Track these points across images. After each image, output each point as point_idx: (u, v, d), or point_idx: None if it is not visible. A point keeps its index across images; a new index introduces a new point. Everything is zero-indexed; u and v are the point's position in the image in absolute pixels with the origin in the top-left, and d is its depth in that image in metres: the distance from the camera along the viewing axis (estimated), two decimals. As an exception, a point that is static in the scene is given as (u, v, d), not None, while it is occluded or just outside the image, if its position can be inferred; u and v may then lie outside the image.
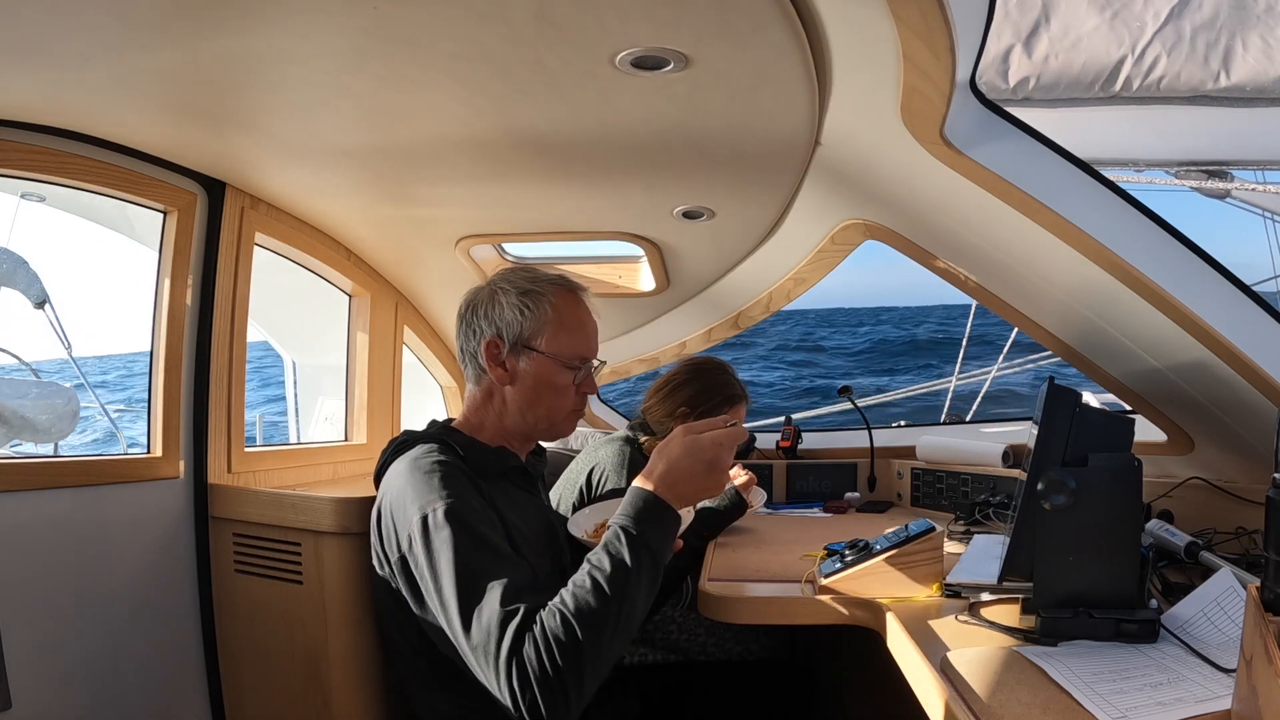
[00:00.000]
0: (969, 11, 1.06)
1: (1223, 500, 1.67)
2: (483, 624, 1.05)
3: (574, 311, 1.37)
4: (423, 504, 1.16)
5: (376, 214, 2.01)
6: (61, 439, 2.66)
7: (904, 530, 1.44)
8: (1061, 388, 1.21)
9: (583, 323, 1.38)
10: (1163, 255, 1.33)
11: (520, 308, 1.34)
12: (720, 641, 2.02)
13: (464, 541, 1.12)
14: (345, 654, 1.51)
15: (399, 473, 1.24)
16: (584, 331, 1.38)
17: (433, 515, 1.15)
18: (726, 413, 2.07)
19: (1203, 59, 3.28)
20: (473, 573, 1.10)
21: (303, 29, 1.14)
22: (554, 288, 1.36)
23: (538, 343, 1.33)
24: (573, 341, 1.35)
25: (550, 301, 1.34)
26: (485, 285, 1.40)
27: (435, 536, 1.13)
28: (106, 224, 2.31)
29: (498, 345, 1.34)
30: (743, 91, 1.29)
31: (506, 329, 1.33)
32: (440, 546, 1.12)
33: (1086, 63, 3.34)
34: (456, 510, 1.15)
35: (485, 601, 1.06)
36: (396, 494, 1.22)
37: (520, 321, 1.33)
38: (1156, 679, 0.95)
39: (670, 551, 1.15)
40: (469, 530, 1.14)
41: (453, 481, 1.19)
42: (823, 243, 2.05)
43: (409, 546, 1.17)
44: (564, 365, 1.34)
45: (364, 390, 2.32)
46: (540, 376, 1.34)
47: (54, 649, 1.47)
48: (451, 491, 1.17)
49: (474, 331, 1.37)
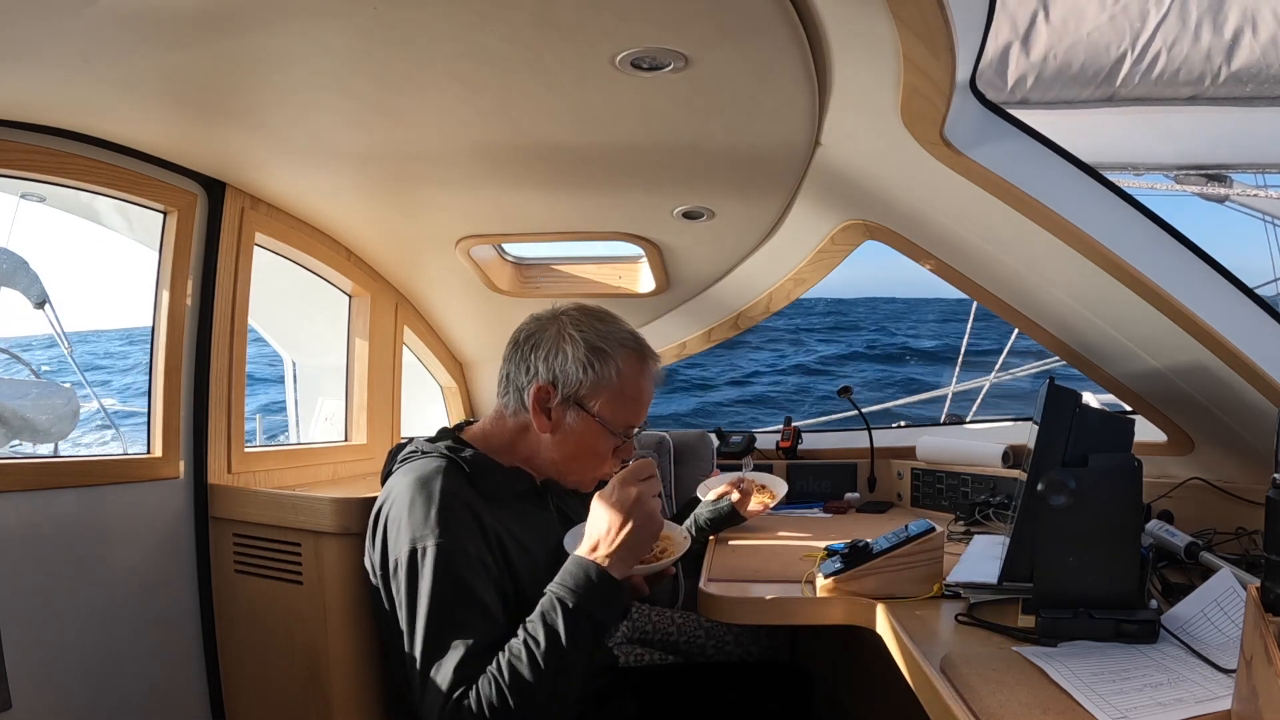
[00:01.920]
0: (969, 12, 1.06)
1: (1223, 500, 1.67)
2: (437, 678, 1.11)
3: (636, 380, 1.31)
4: (415, 536, 1.16)
5: (376, 214, 2.01)
6: (61, 439, 2.66)
7: (904, 530, 1.44)
8: (1061, 388, 1.21)
9: (641, 392, 1.32)
10: (1163, 256, 1.33)
11: (585, 364, 1.27)
12: (719, 643, 2.02)
13: (441, 593, 1.14)
14: (345, 654, 1.51)
15: (402, 487, 1.22)
16: (640, 402, 1.32)
17: (421, 553, 1.15)
18: None
19: (1202, 55, 3.28)
20: (443, 624, 1.13)
21: (303, 29, 1.14)
22: (624, 350, 1.30)
23: (593, 405, 1.27)
24: (627, 412, 1.30)
25: (617, 366, 1.28)
26: (553, 320, 1.32)
27: (420, 575, 1.14)
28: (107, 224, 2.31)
29: (549, 393, 1.28)
30: (743, 92, 1.29)
31: (564, 380, 1.27)
32: (421, 587, 1.14)
33: (1086, 60, 3.34)
34: (446, 552, 1.15)
35: (446, 660, 1.11)
36: (395, 511, 1.21)
37: (581, 379, 1.27)
38: (1156, 679, 0.96)
39: (616, 611, 1.18)
40: (452, 578, 1.15)
41: (451, 516, 1.18)
42: (823, 243, 2.05)
43: (394, 571, 1.18)
44: (611, 433, 1.29)
45: (364, 390, 2.31)
46: (585, 437, 1.29)
47: (54, 649, 1.47)
48: (446, 529, 1.16)
49: (528, 368, 1.30)
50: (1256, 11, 3.29)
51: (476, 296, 2.37)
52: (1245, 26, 3.28)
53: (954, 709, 0.93)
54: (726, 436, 2.91)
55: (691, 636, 2.01)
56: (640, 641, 2.02)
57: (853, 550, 1.43)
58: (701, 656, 2.00)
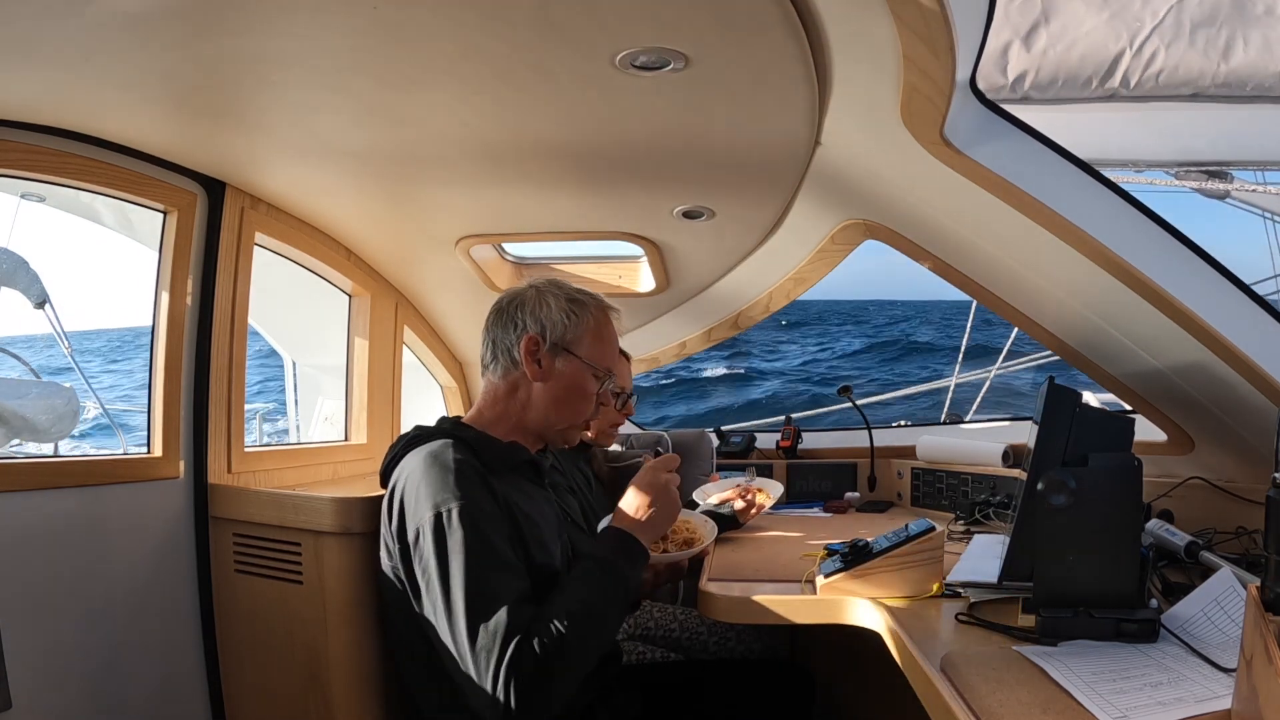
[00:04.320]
0: (969, 11, 1.06)
1: (1223, 500, 1.67)
2: (490, 633, 1.13)
3: (608, 326, 1.47)
4: (437, 501, 1.20)
5: (376, 214, 2.01)
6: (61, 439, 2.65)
7: (904, 530, 1.44)
8: (1061, 388, 1.21)
9: (614, 339, 1.49)
10: (1163, 255, 1.33)
11: (568, 312, 1.41)
12: (722, 640, 2.02)
13: (476, 548, 1.17)
14: (345, 654, 1.51)
15: (414, 464, 1.27)
16: (613, 348, 1.49)
17: (447, 515, 1.18)
18: None
19: (1202, 53, 3.28)
20: (482, 582, 1.16)
21: (303, 29, 1.14)
22: (595, 303, 1.46)
23: (578, 348, 1.40)
24: (605, 353, 1.45)
25: (593, 313, 1.43)
26: (529, 287, 1.46)
27: (449, 538, 1.17)
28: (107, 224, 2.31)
29: (538, 342, 1.39)
30: (743, 92, 1.29)
31: (551, 328, 1.39)
32: (453, 549, 1.17)
33: (1086, 57, 3.34)
34: (471, 512, 1.19)
35: (494, 614, 1.14)
36: (411, 485, 1.25)
37: (565, 325, 1.40)
38: (1156, 679, 0.96)
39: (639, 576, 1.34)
40: (481, 536, 1.18)
41: (468, 481, 1.23)
42: (823, 242, 2.05)
43: (415, 540, 1.20)
44: (595, 374, 1.42)
45: (364, 390, 2.32)
46: (573, 380, 1.40)
47: (54, 649, 1.47)
48: (466, 492, 1.21)
49: (514, 324, 1.41)
50: (1257, 10, 3.29)
51: (477, 296, 2.37)
52: (1245, 25, 3.28)
53: (954, 708, 0.93)
54: (726, 436, 2.91)
55: (694, 633, 2.01)
56: (643, 638, 2.02)
57: (853, 550, 1.43)
58: (704, 653, 2.00)
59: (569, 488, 1.89)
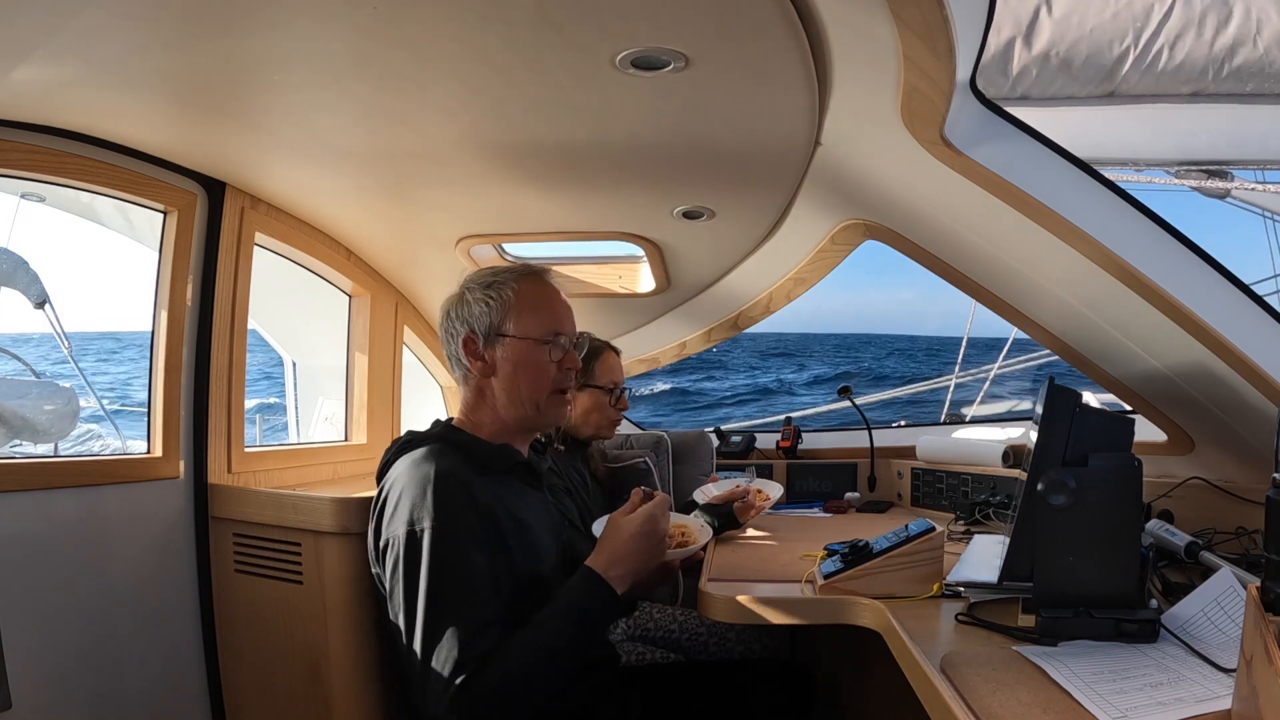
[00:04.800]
0: (969, 12, 1.06)
1: (1223, 500, 1.67)
2: (443, 659, 1.14)
3: (537, 291, 1.42)
4: (413, 518, 1.21)
5: (376, 214, 2.01)
6: (61, 439, 2.65)
7: (904, 530, 1.44)
8: (1061, 388, 1.21)
9: (549, 300, 1.42)
10: (1163, 255, 1.33)
11: (485, 299, 1.39)
12: (721, 641, 2.02)
13: (442, 573, 1.18)
14: (345, 654, 1.51)
15: (401, 470, 1.28)
16: (550, 308, 1.42)
17: (420, 534, 1.19)
18: (595, 365, 2.11)
19: (1204, 52, 3.28)
20: (445, 608, 1.17)
21: (303, 30, 1.14)
22: (514, 275, 1.42)
23: (507, 328, 1.38)
24: (540, 318, 1.40)
25: (512, 288, 1.40)
26: (456, 290, 1.46)
27: (419, 559, 1.18)
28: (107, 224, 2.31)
29: (473, 340, 1.39)
30: (743, 92, 1.29)
31: (477, 323, 1.39)
32: (421, 571, 1.18)
33: (1088, 55, 3.34)
34: (444, 533, 1.19)
35: (451, 643, 1.15)
36: (394, 493, 1.26)
37: (487, 313, 1.38)
38: (1156, 679, 0.95)
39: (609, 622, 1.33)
40: (451, 560, 1.19)
41: (447, 494, 1.23)
42: (823, 243, 2.05)
43: (386, 549, 1.23)
44: (537, 342, 1.39)
45: (364, 390, 2.32)
46: (517, 360, 1.38)
47: (54, 649, 1.47)
48: (442, 510, 1.21)
49: (452, 335, 1.42)
50: (1259, 8, 3.28)
51: (476, 296, 2.37)
52: (1247, 23, 3.28)
53: (954, 708, 0.93)
54: (726, 436, 2.91)
55: (694, 634, 2.01)
56: (642, 639, 2.02)
57: (853, 550, 1.43)
58: (704, 654, 2.00)
59: (565, 489, 1.89)
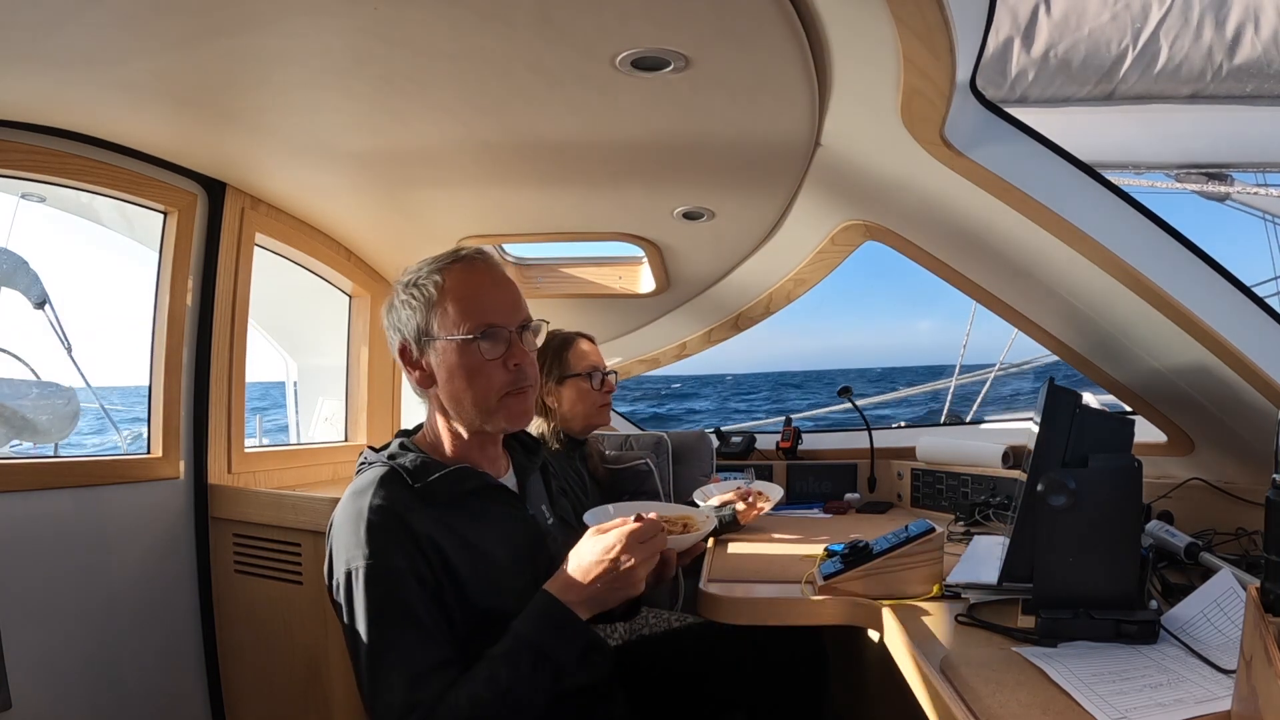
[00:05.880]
0: (969, 12, 1.06)
1: (1223, 501, 1.67)
2: (386, 704, 1.07)
3: (463, 281, 1.21)
4: (348, 557, 1.13)
5: (376, 214, 2.01)
6: (61, 439, 2.66)
7: (904, 531, 1.44)
8: (1062, 388, 1.21)
9: (476, 289, 1.22)
10: (1163, 257, 1.33)
11: (408, 303, 1.22)
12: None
13: (378, 611, 1.10)
14: (345, 654, 1.50)
15: (340, 505, 1.18)
16: (478, 299, 1.21)
17: (355, 574, 1.11)
18: (568, 355, 2.01)
19: (1203, 53, 3.28)
20: (386, 649, 1.09)
21: (303, 30, 1.14)
22: (435, 269, 1.22)
23: (434, 330, 1.20)
24: (466, 312, 1.20)
25: (435, 282, 1.21)
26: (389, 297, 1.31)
27: (355, 597, 1.11)
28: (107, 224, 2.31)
29: (407, 350, 1.24)
30: (743, 92, 1.29)
31: (405, 328, 1.23)
32: (357, 610, 1.11)
33: (1086, 56, 3.34)
34: (377, 574, 1.10)
35: (392, 686, 1.07)
36: (335, 529, 1.18)
37: (413, 317, 1.21)
38: (1156, 680, 0.95)
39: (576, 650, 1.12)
40: (386, 599, 1.10)
41: (379, 532, 1.12)
42: (823, 243, 2.05)
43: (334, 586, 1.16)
44: (466, 341, 1.19)
45: (364, 390, 2.32)
46: (450, 364, 1.20)
47: (54, 649, 1.47)
48: (375, 546, 1.11)
49: (392, 348, 1.27)
50: (1258, 8, 3.28)
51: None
52: (1247, 24, 3.28)
53: (954, 709, 0.93)
54: (726, 437, 2.90)
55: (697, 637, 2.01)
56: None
57: (853, 550, 1.43)
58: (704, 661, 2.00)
59: (561, 489, 1.88)
